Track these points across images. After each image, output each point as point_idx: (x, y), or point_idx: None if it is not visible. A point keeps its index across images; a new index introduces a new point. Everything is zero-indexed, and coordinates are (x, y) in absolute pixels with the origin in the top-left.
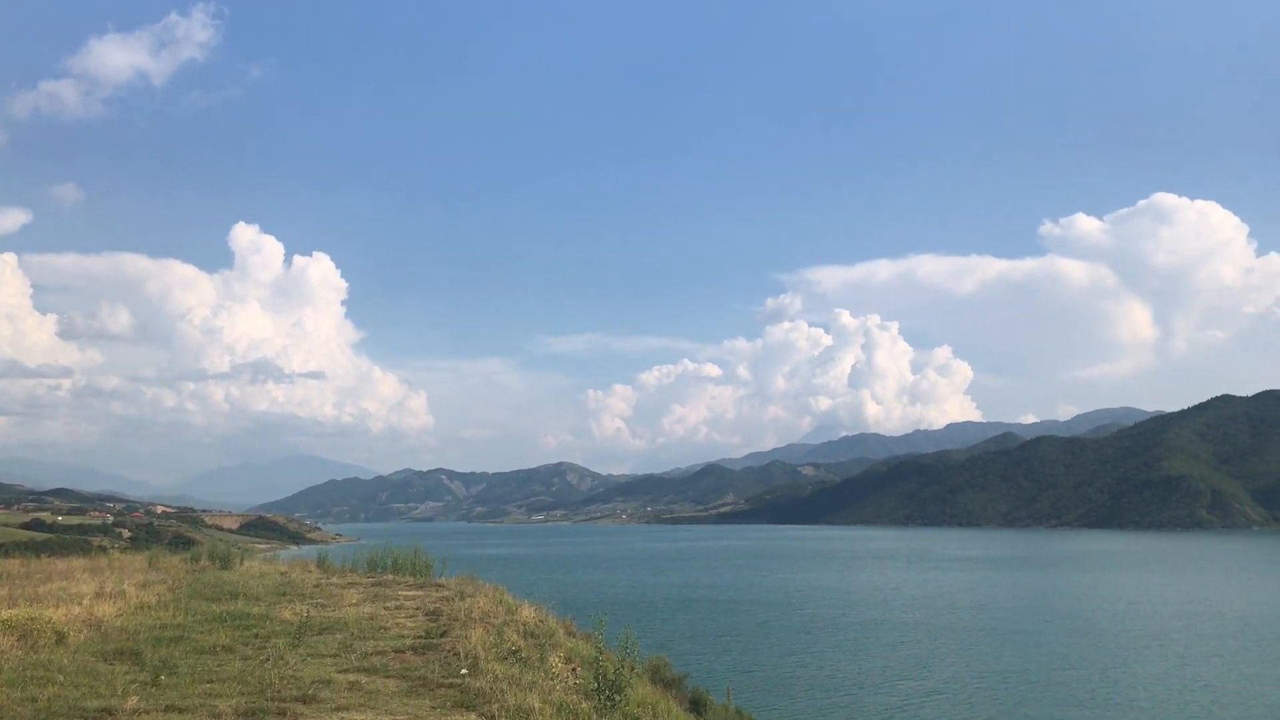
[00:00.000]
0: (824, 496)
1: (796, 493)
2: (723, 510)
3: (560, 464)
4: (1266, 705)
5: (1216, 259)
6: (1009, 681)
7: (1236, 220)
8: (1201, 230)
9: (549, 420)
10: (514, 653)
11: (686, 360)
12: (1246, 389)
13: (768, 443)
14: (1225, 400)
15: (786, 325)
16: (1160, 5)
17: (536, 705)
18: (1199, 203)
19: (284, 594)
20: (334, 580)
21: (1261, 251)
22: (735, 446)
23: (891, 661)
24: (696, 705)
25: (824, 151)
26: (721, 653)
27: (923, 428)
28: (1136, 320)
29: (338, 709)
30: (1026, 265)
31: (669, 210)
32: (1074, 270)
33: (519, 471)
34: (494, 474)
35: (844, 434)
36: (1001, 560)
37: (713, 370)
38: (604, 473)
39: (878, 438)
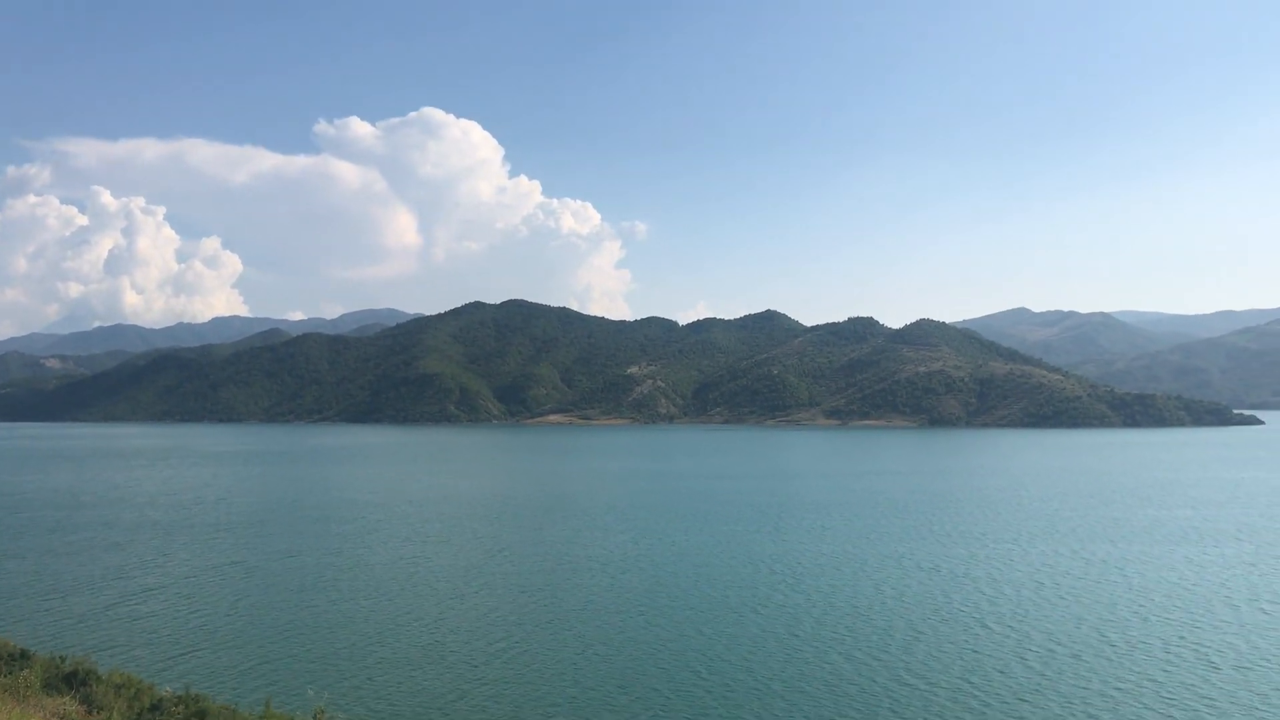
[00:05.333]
0: (72, 391)
1: (39, 387)
2: None
3: None
4: (466, 571)
5: (475, 176)
6: (237, 572)
7: (494, 141)
8: (464, 147)
9: None
10: None
11: None
12: (494, 297)
13: (4, 331)
14: (476, 306)
15: (32, 199)
16: None
17: None
18: (463, 121)
19: None
20: None
21: (514, 173)
22: None
23: (117, 561)
24: None
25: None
26: None
27: (187, 320)
28: (402, 226)
29: None
30: (300, 162)
31: None
32: (347, 172)
33: None
34: None
35: (98, 324)
36: (256, 455)
37: None
38: None
39: (136, 329)
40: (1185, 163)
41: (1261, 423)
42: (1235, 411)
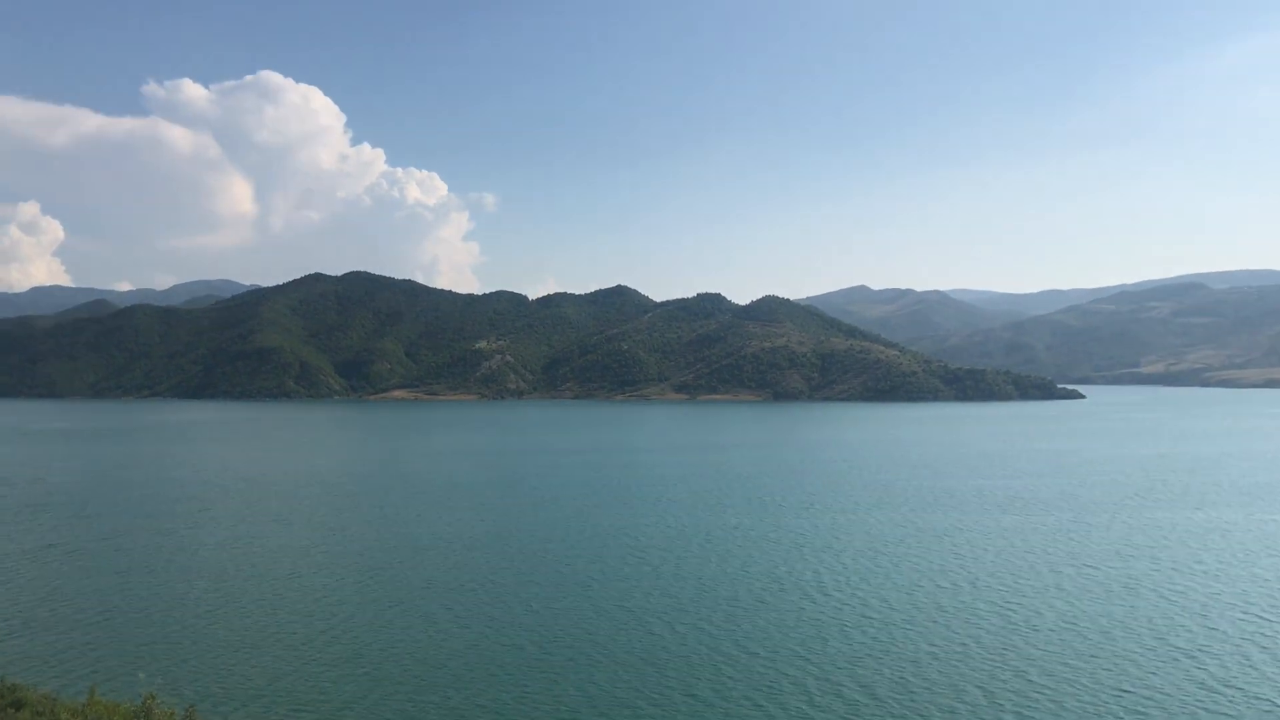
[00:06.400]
0: None
1: None
2: None
3: None
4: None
5: (315, 143)
6: (55, 555)
7: (336, 108)
8: (304, 113)
9: None
10: None
11: None
12: (335, 269)
13: None
14: (317, 278)
15: None
16: None
17: None
18: (303, 86)
19: None
20: None
21: (356, 141)
22: None
23: None
24: None
25: None
26: None
27: (2, 290)
28: (238, 194)
29: None
30: (127, 124)
31: None
32: (178, 136)
33: None
34: None
35: None
36: (78, 433)
37: None
38: None
39: None
40: (1016, 151)
41: (1083, 397)
42: (1059, 386)
